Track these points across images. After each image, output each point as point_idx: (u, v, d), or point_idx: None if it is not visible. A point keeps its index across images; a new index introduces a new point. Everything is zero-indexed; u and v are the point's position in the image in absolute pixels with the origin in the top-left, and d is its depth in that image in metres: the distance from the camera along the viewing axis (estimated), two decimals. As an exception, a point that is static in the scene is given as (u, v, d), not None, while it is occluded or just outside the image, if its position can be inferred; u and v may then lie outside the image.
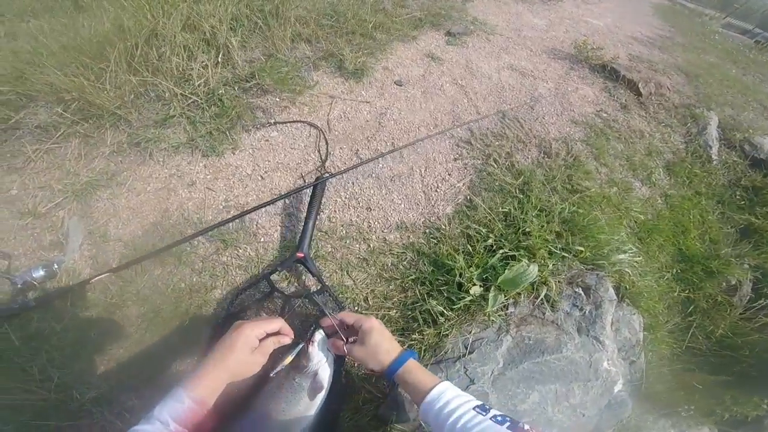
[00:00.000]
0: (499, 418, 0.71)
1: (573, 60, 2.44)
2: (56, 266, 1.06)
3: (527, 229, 1.38)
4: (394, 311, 1.23)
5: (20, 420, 0.90)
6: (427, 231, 1.42)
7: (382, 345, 0.92)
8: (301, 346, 0.95)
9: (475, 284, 1.26)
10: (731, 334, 1.69)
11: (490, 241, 1.36)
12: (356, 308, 1.22)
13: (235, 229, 1.27)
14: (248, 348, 0.85)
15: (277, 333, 0.93)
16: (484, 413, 0.73)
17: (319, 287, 1.15)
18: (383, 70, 1.98)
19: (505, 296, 1.26)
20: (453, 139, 1.74)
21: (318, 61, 1.90)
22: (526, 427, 0.69)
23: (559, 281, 1.33)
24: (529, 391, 1.19)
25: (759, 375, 1.61)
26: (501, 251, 1.32)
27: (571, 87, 2.21)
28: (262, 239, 1.28)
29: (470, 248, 1.35)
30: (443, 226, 1.43)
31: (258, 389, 0.96)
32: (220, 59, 1.66)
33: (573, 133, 1.94)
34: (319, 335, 0.98)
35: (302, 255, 1.16)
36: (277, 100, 1.68)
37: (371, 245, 1.34)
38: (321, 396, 0.96)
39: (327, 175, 1.35)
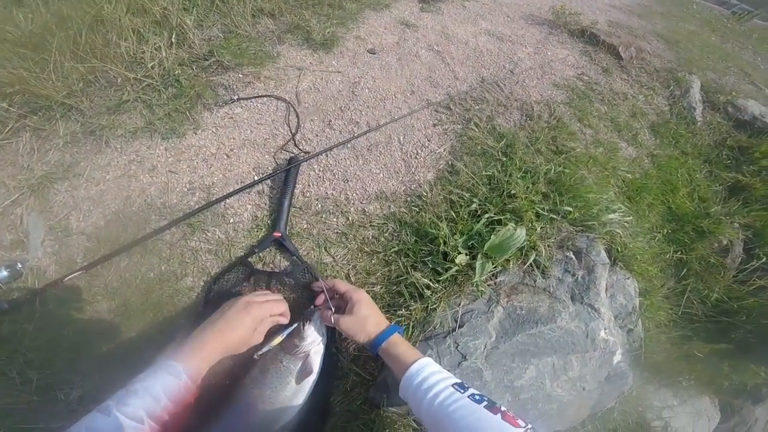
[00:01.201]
0: (477, 397, 0.70)
1: (551, 25, 2.36)
2: (20, 266, 1.02)
3: (512, 192, 1.29)
4: (379, 287, 1.16)
5: (6, 425, 0.89)
6: (409, 199, 1.34)
7: (370, 318, 0.91)
8: (294, 326, 0.92)
9: (460, 252, 1.16)
10: (726, 299, 1.63)
11: (474, 205, 1.26)
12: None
13: (202, 211, 1.19)
14: (252, 328, 0.83)
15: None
16: (462, 391, 0.72)
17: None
18: (355, 40, 1.88)
19: (493, 264, 1.16)
20: (431, 104, 1.65)
21: (283, 34, 1.80)
22: (503, 408, 0.67)
23: (548, 245, 1.24)
24: (525, 366, 1.11)
25: (757, 342, 1.56)
26: (486, 216, 1.22)
27: (550, 51, 2.13)
28: (231, 220, 1.22)
29: (454, 214, 1.25)
30: (425, 193, 1.34)
31: (239, 373, 0.89)
32: (174, 40, 1.57)
33: (555, 96, 1.86)
34: (317, 314, 0.95)
35: (279, 234, 1.14)
36: (240, 75, 1.59)
37: (350, 218, 1.27)
38: (310, 380, 0.90)
39: (302, 156, 1.32)
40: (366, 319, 0.90)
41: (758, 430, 1.69)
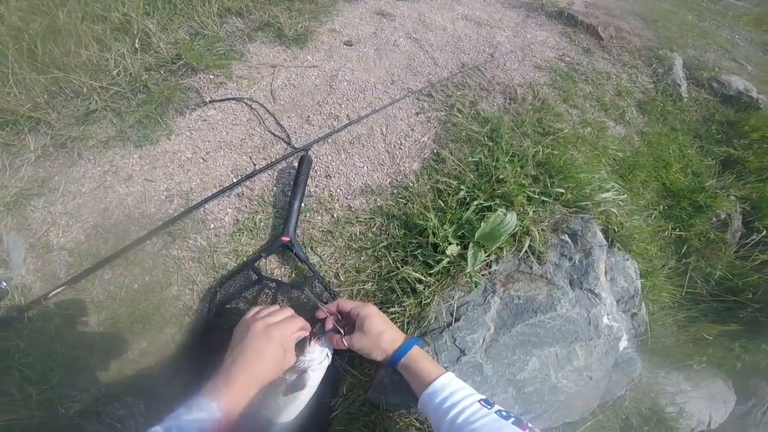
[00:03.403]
0: (504, 413, 0.69)
1: (528, 8, 2.32)
2: (5, 284, 1.02)
3: (501, 177, 1.23)
4: (370, 284, 1.12)
5: None
6: (395, 191, 1.30)
7: (385, 332, 0.86)
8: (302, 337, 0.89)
9: (451, 243, 1.09)
10: (730, 276, 1.58)
11: (462, 193, 1.20)
12: (329, 285, 1.11)
13: (181, 218, 1.16)
14: (282, 353, 0.80)
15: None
16: (488, 407, 0.70)
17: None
18: (330, 33, 1.83)
19: (485, 253, 1.09)
20: (412, 93, 1.60)
21: (253, 32, 1.75)
22: (530, 425, 0.66)
23: (542, 229, 1.18)
24: (527, 357, 1.04)
25: (766, 321, 1.50)
26: (475, 203, 1.16)
27: (529, 34, 2.09)
28: (212, 226, 1.19)
29: (442, 203, 1.19)
30: (411, 184, 1.30)
31: None
32: (137, 45, 1.53)
33: (537, 77, 1.81)
34: (325, 336, 0.92)
35: (288, 239, 1.10)
36: (211, 77, 1.55)
37: (335, 215, 1.23)
38: (301, 396, 0.85)
39: (301, 149, 1.31)
40: (380, 336, 0.85)
41: (776, 410, 1.64)
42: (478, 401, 0.72)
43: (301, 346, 0.88)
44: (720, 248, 1.62)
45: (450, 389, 0.75)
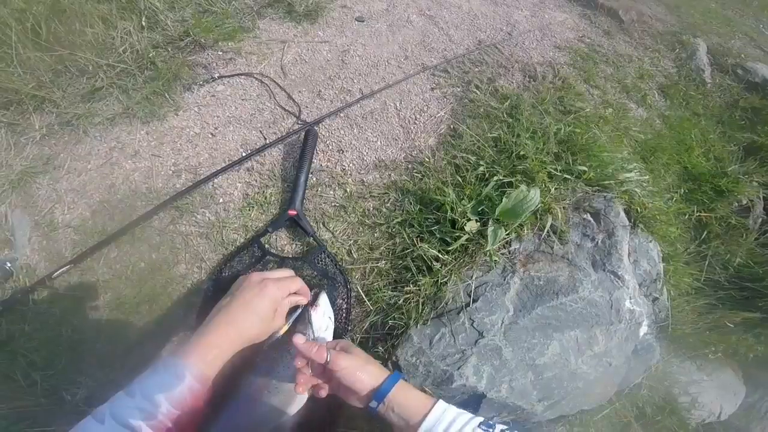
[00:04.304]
0: None
1: (547, -13, 2.24)
2: (9, 265, 1.00)
3: (521, 153, 1.19)
4: (383, 262, 1.09)
5: (20, 428, 0.87)
6: (410, 166, 1.26)
7: (372, 361, 0.73)
8: (300, 311, 0.81)
9: (470, 219, 1.05)
10: (751, 263, 1.53)
11: (481, 168, 1.16)
12: (340, 262, 1.06)
13: (189, 192, 1.13)
14: (273, 310, 0.71)
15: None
16: (491, 430, 0.64)
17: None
18: (341, 9, 1.78)
19: (506, 230, 1.04)
20: (427, 69, 1.56)
21: (262, 9, 1.71)
22: None
23: (564, 207, 1.13)
24: (547, 341, 1.00)
25: None
26: (495, 178, 1.12)
27: (548, 14, 2.02)
28: (221, 200, 1.16)
29: (460, 179, 1.15)
30: (427, 159, 1.26)
31: (243, 364, 0.76)
32: (144, 23, 1.49)
33: (557, 57, 1.76)
34: (324, 298, 0.86)
35: (295, 212, 1.08)
36: (219, 53, 1.52)
37: (348, 190, 1.20)
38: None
39: (312, 123, 1.29)
40: (369, 360, 0.73)
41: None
42: (479, 425, 0.65)
43: (301, 320, 0.80)
44: (741, 234, 1.57)
45: (448, 418, 0.66)
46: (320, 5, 1.73)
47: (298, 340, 0.68)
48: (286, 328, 0.77)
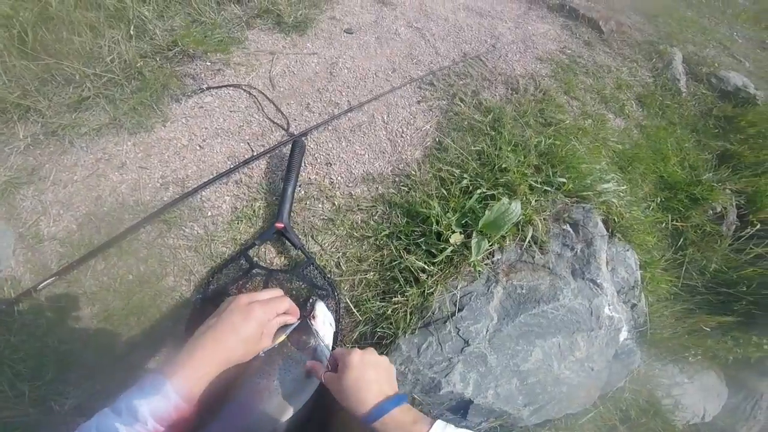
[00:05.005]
0: None
1: (530, 0, 2.30)
2: None
3: (503, 166, 1.23)
4: (372, 273, 1.10)
5: None
6: (397, 179, 1.29)
7: (370, 382, 0.72)
8: (297, 322, 0.82)
9: (454, 231, 1.08)
10: (725, 269, 1.60)
11: (465, 181, 1.19)
12: (329, 274, 1.08)
13: (177, 205, 1.14)
14: (259, 333, 0.71)
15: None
16: None
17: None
18: (330, 20, 1.80)
19: (489, 242, 1.08)
20: (414, 81, 1.59)
21: (251, 19, 1.72)
22: None
23: (544, 218, 1.18)
24: (531, 348, 1.05)
25: (759, 313, 1.51)
26: (478, 191, 1.16)
27: (531, 26, 2.07)
28: (209, 213, 1.16)
29: (445, 192, 1.18)
30: (413, 172, 1.29)
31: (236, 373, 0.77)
32: (132, 33, 1.49)
33: (539, 69, 1.81)
34: (321, 307, 0.88)
35: (282, 225, 1.08)
36: (208, 64, 1.52)
37: (336, 203, 1.21)
38: (310, 384, 0.80)
39: (296, 134, 1.30)
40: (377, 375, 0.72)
41: (765, 404, 1.66)
42: None
43: (302, 329, 0.82)
44: (715, 241, 1.64)
45: None
46: (309, 17, 1.75)
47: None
48: (283, 337, 0.79)
